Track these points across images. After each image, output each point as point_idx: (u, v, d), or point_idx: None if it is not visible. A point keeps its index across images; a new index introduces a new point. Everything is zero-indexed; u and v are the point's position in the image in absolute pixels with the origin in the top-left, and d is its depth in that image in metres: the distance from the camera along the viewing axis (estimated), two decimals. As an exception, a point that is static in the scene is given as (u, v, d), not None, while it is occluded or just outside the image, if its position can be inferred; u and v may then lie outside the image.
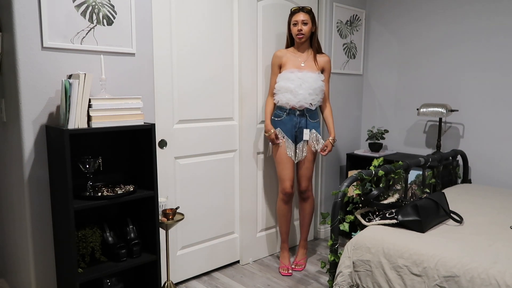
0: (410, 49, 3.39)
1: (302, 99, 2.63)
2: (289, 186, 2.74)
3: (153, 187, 2.05)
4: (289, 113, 2.69)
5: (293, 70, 2.66)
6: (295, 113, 2.69)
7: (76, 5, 1.94)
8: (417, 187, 2.83)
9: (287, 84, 2.63)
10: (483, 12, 2.96)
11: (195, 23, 2.49)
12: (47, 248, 2.00)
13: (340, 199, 2.10)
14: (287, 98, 2.64)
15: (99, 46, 2.04)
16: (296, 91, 2.62)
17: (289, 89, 2.62)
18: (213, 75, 2.63)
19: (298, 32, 2.64)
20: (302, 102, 2.63)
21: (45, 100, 1.91)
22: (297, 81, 2.63)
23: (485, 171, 3.04)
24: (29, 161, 1.90)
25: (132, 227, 2.09)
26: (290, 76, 2.64)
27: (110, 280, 2.08)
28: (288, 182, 2.74)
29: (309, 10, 2.66)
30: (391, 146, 3.57)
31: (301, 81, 2.63)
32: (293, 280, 2.69)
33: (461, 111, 3.12)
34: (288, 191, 2.75)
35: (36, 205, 1.95)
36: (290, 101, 2.64)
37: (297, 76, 2.64)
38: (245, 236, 2.90)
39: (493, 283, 1.56)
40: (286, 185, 2.74)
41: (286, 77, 2.65)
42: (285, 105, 2.67)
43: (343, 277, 1.98)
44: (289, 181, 2.74)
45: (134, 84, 2.20)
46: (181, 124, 2.51)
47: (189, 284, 2.63)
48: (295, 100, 2.63)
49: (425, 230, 1.97)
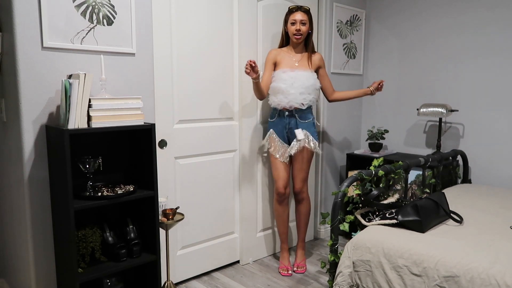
0: (410, 49, 3.39)
1: (292, 99, 2.61)
2: (281, 186, 2.73)
3: (153, 187, 2.05)
4: (280, 114, 2.69)
5: (285, 69, 2.65)
6: (285, 114, 2.68)
7: (76, 5, 1.94)
8: (417, 187, 2.83)
9: (279, 85, 2.63)
10: (484, 12, 2.96)
11: (195, 23, 2.49)
12: (47, 248, 2.00)
13: (340, 199, 2.10)
14: (278, 99, 2.64)
15: (99, 46, 2.04)
16: (287, 91, 2.61)
17: (281, 89, 2.62)
18: (213, 75, 2.63)
19: (296, 31, 2.62)
20: (292, 102, 2.62)
21: (45, 100, 1.91)
22: (289, 81, 2.61)
23: (485, 171, 3.04)
24: (29, 161, 1.90)
25: (132, 227, 2.09)
26: (283, 76, 2.63)
27: (110, 280, 2.08)
28: (280, 182, 2.73)
29: (307, 10, 2.65)
30: (391, 146, 3.57)
31: (293, 80, 2.61)
32: (293, 280, 2.69)
33: (461, 111, 3.12)
34: (281, 191, 2.74)
35: (36, 205, 1.95)
36: (281, 101, 2.63)
37: (289, 76, 2.63)
38: (245, 236, 2.90)
39: (493, 283, 1.56)
40: (278, 185, 2.75)
41: (279, 77, 2.64)
42: (277, 106, 2.67)
43: (343, 277, 1.98)
44: (281, 181, 2.73)
45: (134, 84, 2.20)
46: (181, 124, 2.51)
47: (189, 284, 2.63)
48: (285, 101, 2.62)
49: (425, 230, 1.97)
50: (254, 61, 2.37)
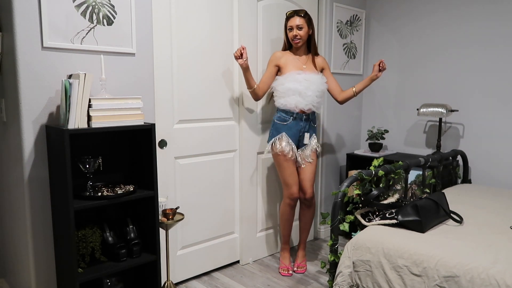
0: (410, 49, 3.39)
1: (310, 102, 2.58)
2: (296, 191, 2.70)
3: (153, 187, 2.05)
4: (296, 117, 2.61)
5: (298, 71, 2.60)
6: (302, 117, 2.62)
7: (76, 5, 1.94)
8: (417, 187, 2.83)
9: (295, 86, 2.55)
10: (483, 13, 2.96)
11: (195, 23, 2.49)
12: (47, 248, 2.00)
13: (340, 199, 2.10)
14: (296, 101, 2.56)
15: (99, 46, 2.04)
16: (305, 93, 2.55)
17: (298, 90, 2.55)
18: (213, 75, 2.63)
19: (294, 37, 2.60)
20: (310, 105, 2.59)
21: (45, 100, 1.91)
22: (304, 83, 2.56)
23: (485, 171, 3.04)
24: (29, 161, 1.90)
25: (132, 227, 2.09)
26: (297, 77, 2.56)
27: (110, 280, 2.08)
28: (295, 187, 2.69)
29: (304, 13, 2.61)
30: (391, 146, 3.57)
31: (308, 83, 2.57)
32: (293, 280, 2.69)
33: (461, 111, 3.12)
34: (296, 196, 2.71)
35: (36, 205, 1.95)
36: (299, 104, 2.56)
37: (304, 78, 2.57)
38: (245, 236, 2.90)
39: (493, 283, 1.56)
40: (293, 190, 2.68)
41: (293, 78, 2.56)
42: (294, 109, 2.59)
43: (343, 277, 1.98)
44: (295, 186, 2.69)
45: (134, 84, 2.20)
46: (181, 124, 2.51)
47: (189, 284, 2.63)
48: (304, 103, 2.56)
49: (425, 230, 1.97)
50: (244, 47, 2.42)
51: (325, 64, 2.77)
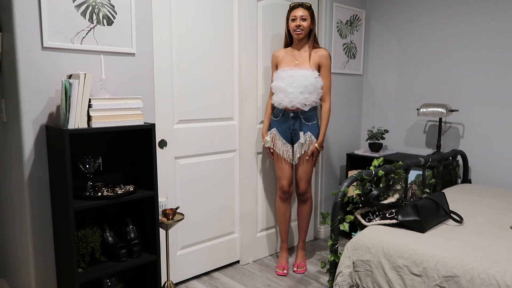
0: (410, 49, 3.39)
1: (293, 98, 2.57)
2: (286, 184, 2.75)
3: (153, 187, 2.05)
4: (284, 114, 2.67)
5: (285, 68, 2.64)
6: (289, 115, 2.64)
7: (76, 5, 1.94)
8: (417, 187, 2.83)
9: (279, 83, 2.62)
10: (483, 12, 2.96)
11: (195, 23, 2.49)
12: (47, 248, 2.00)
13: (340, 199, 2.10)
14: (279, 98, 2.62)
15: (99, 46, 2.04)
16: (286, 89, 2.58)
17: (280, 88, 2.60)
18: (213, 75, 2.63)
19: (296, 27, 2.59)
20: (294, 102, 2.58)
21: (45, 100, 1.91)
22: (288, 80, 2.59)
23: (485, 171, 3.04)
24: (29, 161, 1.90)
25: (132, 227, 2.09)
26: (282, 75, 2.62)
27: (110, 280, 2.08)
28: (285, 181, 2.74)
29: (309, 6, 2.62)
30: (391, 146, 3.57)
31: (292, 79, 2.58)
32: (293, 280, 2.69)
33: (461, 111, 3.12)
34: (286, 189, 2.76)
35: (36, 205, 1.94)
36: (282, 100, 2.61)
37: (288, 75, 2.60)
38: (245, 236, 2.90)
39: (493, 283, 1.56)
40: (282, 183, 2.75)
41: (279, 76, 2.64)
42: (278, 106, 2.66)
43: (343, 277, 1.98)
44: (286, 180, 2.74)
45: (134, 84, 2.20)
46: (181, 124, 2.51)
47: (189, 284, 2.63)
48: (286, 100, 2.59)
49: (425, 230, 1.97)
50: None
51: (323, 60, 2.62)
